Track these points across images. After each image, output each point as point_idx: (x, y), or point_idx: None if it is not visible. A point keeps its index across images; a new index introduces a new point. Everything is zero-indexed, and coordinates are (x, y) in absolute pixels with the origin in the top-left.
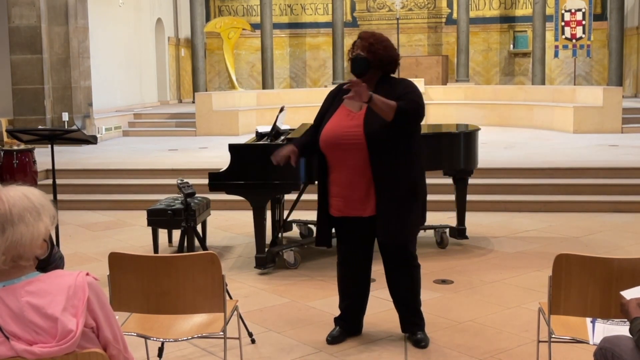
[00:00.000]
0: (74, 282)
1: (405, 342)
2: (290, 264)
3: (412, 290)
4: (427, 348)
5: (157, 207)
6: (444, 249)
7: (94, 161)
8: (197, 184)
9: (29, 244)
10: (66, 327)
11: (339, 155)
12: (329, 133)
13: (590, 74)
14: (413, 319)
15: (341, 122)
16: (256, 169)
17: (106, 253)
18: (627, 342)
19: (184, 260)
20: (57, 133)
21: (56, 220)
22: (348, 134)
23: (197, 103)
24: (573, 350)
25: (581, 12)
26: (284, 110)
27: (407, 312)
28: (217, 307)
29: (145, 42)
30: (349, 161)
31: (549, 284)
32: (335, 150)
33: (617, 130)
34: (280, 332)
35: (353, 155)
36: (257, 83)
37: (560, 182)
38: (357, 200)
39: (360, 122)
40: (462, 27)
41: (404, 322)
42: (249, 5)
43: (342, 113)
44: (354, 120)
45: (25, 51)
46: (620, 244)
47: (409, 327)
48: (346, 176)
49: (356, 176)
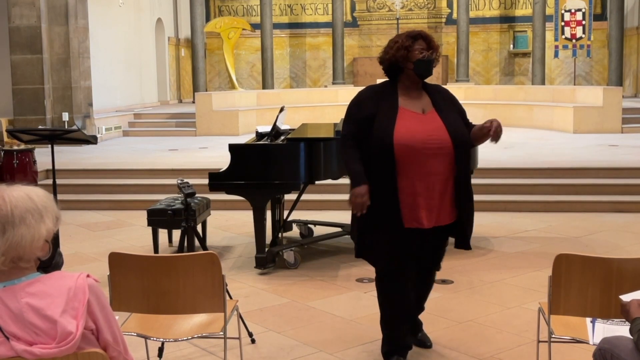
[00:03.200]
0: (75, 284)
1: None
2: (290, 264)
3: (429, 291)
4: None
5: (157, 207)
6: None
7: (94, 161)
8: (197, 184)
9: (29, 246)
10: (65, 329)
11: (420, 161)
12: (409, 138)
13: (590, 74)
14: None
15: (418, 126)
16: (256, 169)
17: (106, 253)
18: (627, 342)
19: (184, 260)
20: (57, 133)
21: (60, 220)
22: (431, 138)
23: (197, 103)
24: (573, 350)
25: (581, 12)
26: (284, 110)
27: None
28: (217, 307)
29: (145, 42)
30: (432, 167)
31: (549, 284)
32: (416, 156)
33: (617, 130)
34: (280, 332)
35: (437, 161)
36: (257, 83)
37: (560, 182)
38: (436, 208)
39: (441, 125)
40: (462, 27)
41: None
42: (249, 5)
43: (410, 116)
44: (432, 124)
45: (25, 51)
46: (620, 244)
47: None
48: (426, 183)
49: (438, 183)
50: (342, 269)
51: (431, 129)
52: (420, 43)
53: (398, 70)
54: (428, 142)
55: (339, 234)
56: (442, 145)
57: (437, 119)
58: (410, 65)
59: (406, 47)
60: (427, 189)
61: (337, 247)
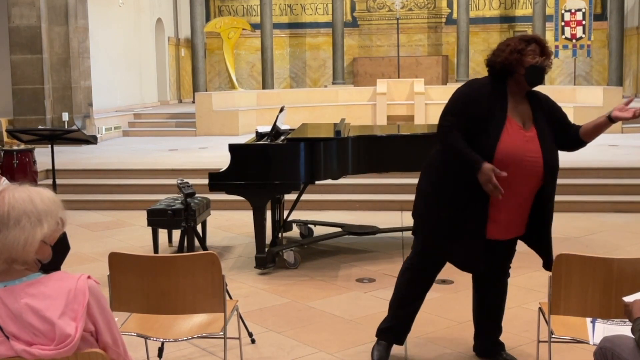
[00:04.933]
0: (75, 286)
1: (405, 342)
2: (290, 264)
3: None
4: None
5: (157, 207)
6: None
7: (94, 161)
8: (197, 184)
9: (21, 249)
10: (64, 332)
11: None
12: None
13: (590, 74)
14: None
15: (520, 143)
16: (256, 169)
17: (106, 253)
18: (628, 341)
19: (184, 260)
20: (57, 133)
21: (65, 224)
22: (528, 157)
23: (197, 103)
24: (573, 350)
25: (581, 12)
26: (284, 110)
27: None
28: (217, 307)
29: (145, 42)
30: (521, 186)
31: (549, 284)
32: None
33: (617, 130)
34: (280, 332)
35: (528, 180)
36: (257, 83)
37: (560, 182)
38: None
39: (537, 147)
40: (462, 27)
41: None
42: (249, 5)
43: (515, 129)
44: (531, 144)
45: (25, 51)
46: (620, 244)
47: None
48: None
49: (523, 202)
50: (342, 269)
51: (529, 149)
52: (533, 47)
53: (507, 75)
54: (524, 162)
55: (339, 234)
56: (535, 168)
57: (535, 140)
58: (522, 70)
59: (519, 51)
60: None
61: (337, 247)
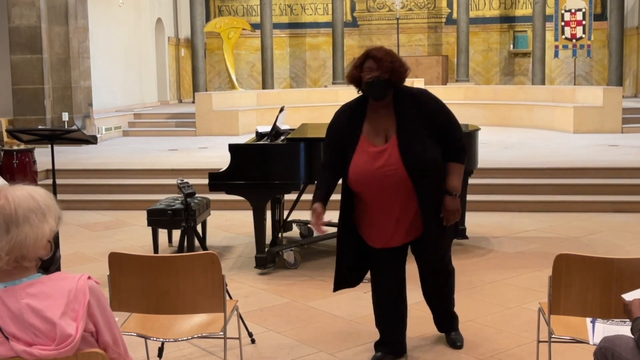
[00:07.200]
0: (75, 286)
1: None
2: (290, 264)
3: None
4: (462, 348)
5: (157, 207)
6: None
7: (94, 161)
8: (197, 184)
9: (32, 245)
10: (65, 332)
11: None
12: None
13: (590, 74)
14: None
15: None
16: (256, 169)
17: (106, 253)
18: (628, 341)
19: (184, 260)
20: (57, 133)
21: (61, 220)
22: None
23: (197, 103)
24: (573, 350)
25: (581, 12)
26: (284, 110)
27: (442, 315)
28: (217, 307)
29: (145, 42)
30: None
31: (549, 284)
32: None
33: (617, 130)
34: (280, 332)
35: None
36: (257, 83)
37: (560, 182)
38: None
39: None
40: (462, 27)
41: (440, 323)
42: (249, 5)
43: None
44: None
45: (25, 51)
46: (620, 244)
47: (445, 328)
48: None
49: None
50: None
51: (380, 165)
52: (369, 63)
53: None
54: (376, 177)
55: None
56: (394, 179)
57: (390, 151)
58: (363, 86)
59: (357, 67)
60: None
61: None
